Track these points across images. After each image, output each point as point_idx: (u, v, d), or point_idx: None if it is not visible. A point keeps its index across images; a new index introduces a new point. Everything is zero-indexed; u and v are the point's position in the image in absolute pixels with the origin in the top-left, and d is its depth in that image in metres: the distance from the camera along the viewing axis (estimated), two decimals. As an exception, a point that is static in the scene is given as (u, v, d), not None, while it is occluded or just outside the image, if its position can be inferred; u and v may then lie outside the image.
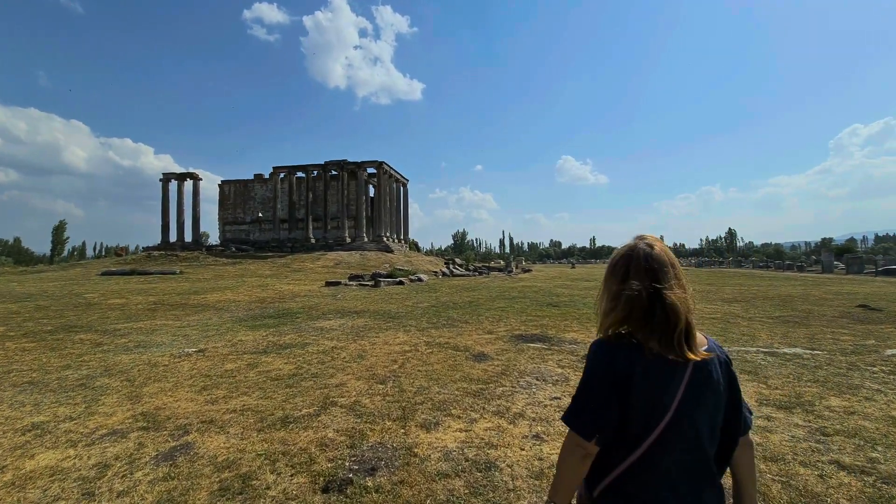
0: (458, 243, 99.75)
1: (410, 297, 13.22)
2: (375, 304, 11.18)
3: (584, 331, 6.91)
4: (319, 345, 6.02)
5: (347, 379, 4.17)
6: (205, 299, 12.48)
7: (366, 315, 9.25)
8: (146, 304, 11.47)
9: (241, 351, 5.71)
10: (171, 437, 2.87)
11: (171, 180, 41.50)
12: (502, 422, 2.99)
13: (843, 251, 34.34)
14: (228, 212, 45.52)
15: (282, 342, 6.32)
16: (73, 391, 4.14)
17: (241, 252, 35.40)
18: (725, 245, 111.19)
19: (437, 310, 10.12)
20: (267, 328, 7.75)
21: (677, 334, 0.94)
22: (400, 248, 37.25)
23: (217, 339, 6.71)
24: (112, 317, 9.33)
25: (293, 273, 24.76)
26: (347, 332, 7.16)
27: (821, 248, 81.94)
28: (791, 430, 2.92)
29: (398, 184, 43.45)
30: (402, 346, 5.86)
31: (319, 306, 10.93)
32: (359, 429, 2.86)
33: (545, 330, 7.08)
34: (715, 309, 9.91)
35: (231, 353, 5.54)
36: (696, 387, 0.95)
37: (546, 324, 7.75)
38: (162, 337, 6.98)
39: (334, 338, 6.59)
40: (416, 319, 8.52)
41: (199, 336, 7.00)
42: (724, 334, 6.54)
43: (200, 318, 9.27)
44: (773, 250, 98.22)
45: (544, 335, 6.55)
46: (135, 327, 7.94)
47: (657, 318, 0.95)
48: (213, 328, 7.81)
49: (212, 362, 5.06)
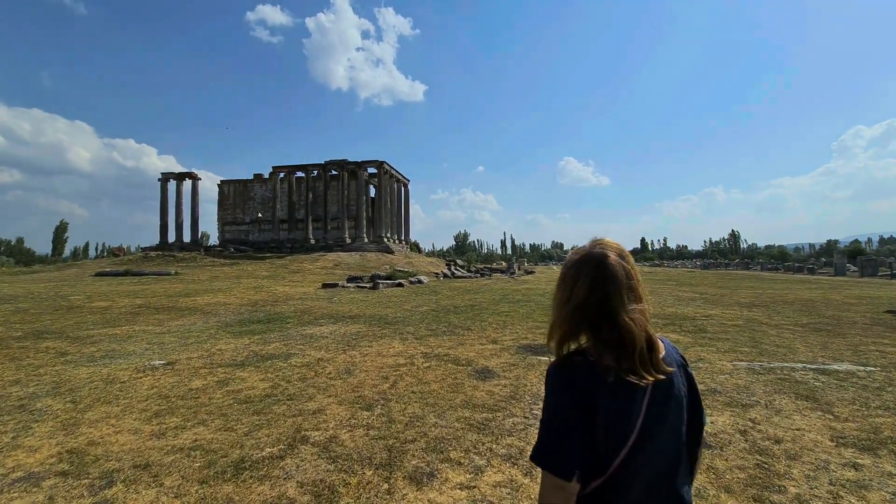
0: (460, 244, 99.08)
1: (409, 300, 12.58)
2: (372, 308, 10.55)
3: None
4: (305, 356, 5.38)
5: (328, 403, 3.52)
6: (194, 302, 11.88)
7: (360, 320, 8.62)
8: (131, 307, 10.87)
9: (216, 363, 5.08)
10: (90, 490, 2.24)
11: (170, 180, 41.03)
12: (516, 473, 2.33)
13: (855, 253, 33.49)
14: (228, 212, 45.01)
15: (264, 352, 5.69)
16: (9, 415, 3.51)
17: (239, 253, 34.85)
18: (729, 247, 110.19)
19: (437, 314, 9.48)
20: (252, 335, 7.12)
21: (637, 355, 0.85)
22: (401, 249, 36.63)
23: (195, 347, 6.09)
24: (89, 321, 8.72)
25: (291, 274, 24.17)
26: (338, 340, 6.52)
27: (827, 250, 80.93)
28: (888, 483, 2.26)
29: (399, 184, 42.85)
30: (396, 358, 5.21)
31: (312, 310, 10.31)
32: (329, 482, 2.22)
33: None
34: (735, 315, 9.23)
35: (204, 367, 4.91)
36: (659, 404, 0.88)
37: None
38: (135, 345, 6.36)
39: (323, 347, 5.95)
40: (413, 326, 7.88)
41: (177, 344, 6.38)
42: (756, 345, 5.86)
43: (184, 322, 8.66)
44: (777, 252, 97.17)
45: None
46: (109, 334, 7.33)
47: (611, 336, 0.86)
48: (194, 335, 7.20)
49: (178, 378, 4.42)
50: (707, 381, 4.14)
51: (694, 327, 7.42)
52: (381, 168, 37.10)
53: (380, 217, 37.44)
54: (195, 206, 41.56)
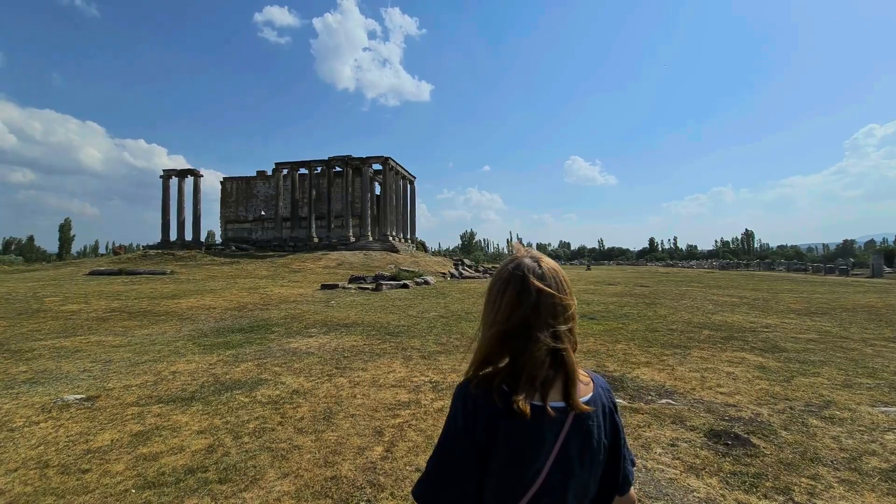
0: (466, 244, 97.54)
1: (415, 303, 11.28)
2: (373, 314, 9.27)
3: (656, 362, 4.88)
4: (277, 385, 4.10)
5: (280, 490, 2.22)
6: (177, 305, 10.69)
7: (357, 330, 7.33)
8: (104, 310, 9.71)
9: (157, 397, 3.81)
10: None
11: (172, 177, 40.18)
12: None
13: (891, 254, 31.55)
14: (231, 210, 44.10)
15: (228, 377, 4.42)
16: None
17: (240, 251, 33.85)
18: (742, 247, 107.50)
19: (448, 322, 8.17)
20: (225, 349, 5.88)
21: (566, 385, 0.76)
22: (406, 248, 35.37)
23: (144, 368, 4.85)
24: (45, 329, 7.55)
25: (291, 274, 23.03)
26: (326, 359, 5.24)
27: (843, 250, 78.20)
28: None
29: (405, 181, 41.57)
30: (397, 390, 3.91)
31: (305, 316, 9.05)
32: None
33: (601, 359, 5.07)
34: (800, 325, 7.79)
35: (137, 402, 3.66)
36: (572, 449, 0.75)
37: (596, 348, 5.73)
38: (76, 364, 5.14)
39: (304, 370, 4.67)
40: (420, 338, 6.58)
41: (125, 363, 5.14)
42: (872, 374, 4.44)
43: (153, 331, 7.44)
44: (793, 252, 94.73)
45: (605, 371, 4.55)
46: (56, 346, 6.13)
47: (528, 364, 0.75)
48: (155, 348, 5.97)
49: (88, 425, 3.16)
50: (862, 446, 2.77)
51: (763, 344, 6.02)
52: (386, 164, 35.85)
53: (385, 215, 36.19)
54: (197, 203, 40.67)
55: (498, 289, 0.79)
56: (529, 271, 0.78)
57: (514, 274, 0.78)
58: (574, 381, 0.77)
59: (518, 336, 0.76)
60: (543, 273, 0.78)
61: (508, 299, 0.77)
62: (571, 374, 0.76)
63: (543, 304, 0.76)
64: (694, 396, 3.55)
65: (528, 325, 0.75)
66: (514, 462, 0.73)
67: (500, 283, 0.79)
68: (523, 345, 0.76)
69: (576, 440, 0.76)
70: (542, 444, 0.74)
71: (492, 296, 0.80)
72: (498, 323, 0.77)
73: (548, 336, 0.74)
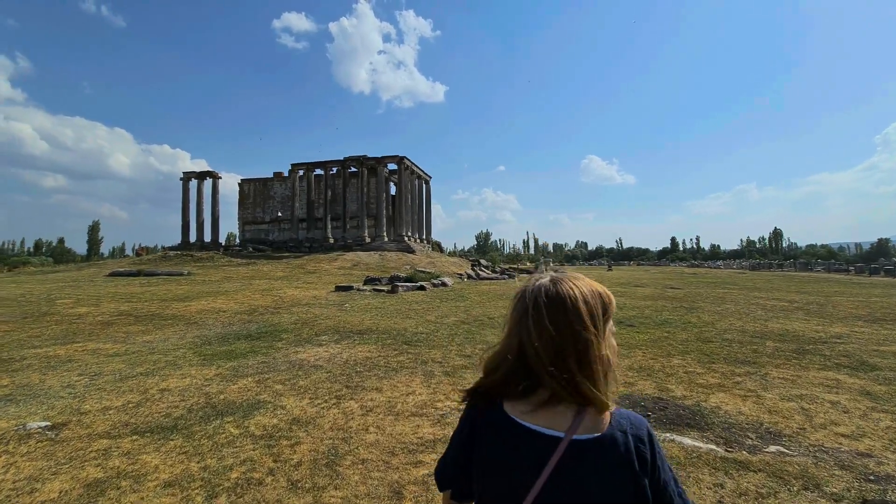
0: (482, 244, 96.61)
1: (433, 307, 10.59)
2: (388, 319, 8.62)
3: (731, 385, 4.04)
4: (276, 411, 3.46)
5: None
6: (187, 308, 10.28)
7: (372, 338, 6.68)
8: (111, 314, 9.35)
9: (133, 426, 3.22)
10: None
11: (192, 179, 40.66)
12: None
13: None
14: (248, 211, 44.43)
15: (223, 397, 3.81)
16: None
17: (257, 252, 33.88)
18: (770, 246, 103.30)
19: (470, 329, 7.44)
20: (227, 360, 5.31)
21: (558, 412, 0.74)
22: (422, 249, 34.79)
23: (132, 384, 4.29)
24: (46, 334, 7.16)
25: (306, 275, 22.69)
26: (335, 374, 4.59)
27: (879, 250, 73.86)
28: None
29: (420, 180, 41.03)
30: (418, 420, 3.21)
31: (317, 320, 8.47)
32: None
33: (660, 380, 4.25)
34: (876, 335, 6.75)
35: (108, 433, 3.06)
36: (568, 476, 0.70)
37: (648, 363, 4.90)
38: (62, 377, 4.64)
39: (309, 389, 4.02)
40: (441, 348, 5.88)
41: (115, 377, 4.61)
42: None
43: (155, 337, 6.96)
44: (825, 252, 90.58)
45: (671, 397, 3.74)
46: (48, 355, 5.67)
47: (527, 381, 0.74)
48: (152, 358, 5.45)
49: (41, 465, 2.57)
50: None
51: (848, 360, 5.09)
52: (402, 164, 35.36)
53: (400, 215, 35.70)
54: (215, 205, 41.03)
55: (513, 305, 0.80)
56: (540, 297, 0.75)
57: (524, 297, 0.78)
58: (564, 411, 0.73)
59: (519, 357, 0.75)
60: (555, 302, 0.74)
61: (514, 318, 0.78)
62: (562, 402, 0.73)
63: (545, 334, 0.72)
64: (809, 441, 2.73)
65: (525, 352, 0.74)
66: (493, 473, 0.74)
67: (514, 300, 0.80)
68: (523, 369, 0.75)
69: (573, 475, 0.70)
70: (531, 466, 0.71)
71: (514, 312, 0.79)
72: (505, 338, 0.79)
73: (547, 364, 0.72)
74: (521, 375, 0.74)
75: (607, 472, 0.70)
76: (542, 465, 0.70)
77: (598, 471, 0.70)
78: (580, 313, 0.71)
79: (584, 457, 0.70)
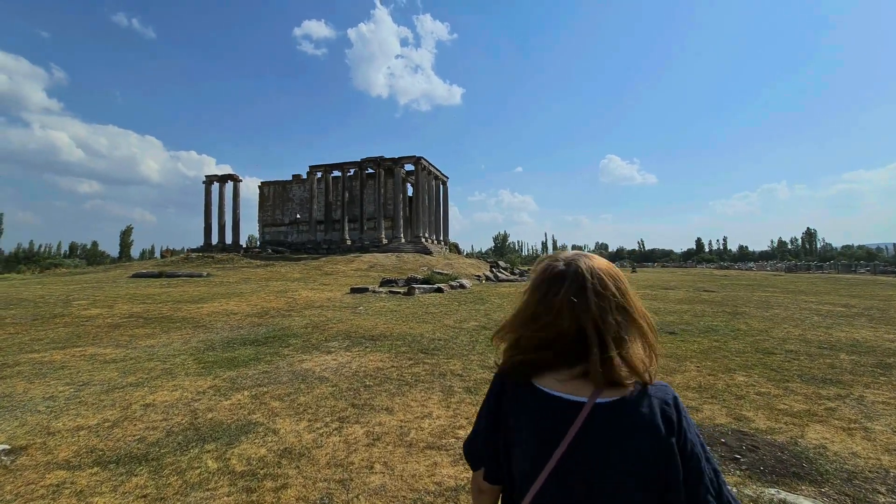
0: (499, 246, 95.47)
1: (451, 310, 9.97)
2: (404, 324, 8.05)
3: (823, 412, 3.28)
4: (266, 437, 2.91)
5: None
6: (199, 310, 9.99)
7: (385, 345, 6.12)
8: (122, 316, 9.13)
9: (99, 452, 2.73)
10: None
11: (213, 182, 41.39)
12: None
13: None
14: (268, 213, 44.94)
15: (209, 418, 3.30)
16: None
17: (276, 254, 34.07)
18: (804, 247, 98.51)
19: (491, 335, 6.79)
20: (226, 368, 4.84)
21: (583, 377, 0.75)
22: (439, 250, 34.27)
23: (117, 397, 3.85)
24: (49, 337, 6.90)
25: (323, 276, 22.46)
26: (342, 388, 4.03)
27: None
28: None
29: (437, 181, 40.56)
30: (436, 457, 2.60)
31: (328, 324, 7.98)
32: None
33: (728, 402, 3.51)
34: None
35: (67, 463, 2.58)
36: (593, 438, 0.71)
37: (707, 381, 4.15)
38: (48, 386, 4.25)
39: (309, 408, 3.47)
40: (461, 357, 5.26)
41: (106, 385, 4.19)
42: None
43: (159, 342, 6.60)
44: (863, 253, 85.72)
45: (752, 429, 3.01)
46: (46, 360, 5.33)
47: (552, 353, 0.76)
48: (149, 365, 5.03)
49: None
50: None
51: (954, 378, 4.20)
52: (419, 164, 34.97)
53: (417, 216, 35.29)
54: (236, 207, 41.61)
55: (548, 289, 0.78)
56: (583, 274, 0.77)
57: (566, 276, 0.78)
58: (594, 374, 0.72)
59: (578, 338, 0.74)
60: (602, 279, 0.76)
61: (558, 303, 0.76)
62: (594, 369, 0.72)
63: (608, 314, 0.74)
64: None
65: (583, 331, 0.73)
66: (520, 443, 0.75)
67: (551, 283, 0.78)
68: (579, 347, 0.74)
69: (598, 438, 0.71)
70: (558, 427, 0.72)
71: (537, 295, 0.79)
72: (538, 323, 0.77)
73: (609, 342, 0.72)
74: (572, 355, 0.74)
75: (633, 433, 0.71)
76: (566, 429, 0.71)
77: (623, 432, 0.71)
78: (624, 288, 0.76)
79: (609, 419, 0.71)
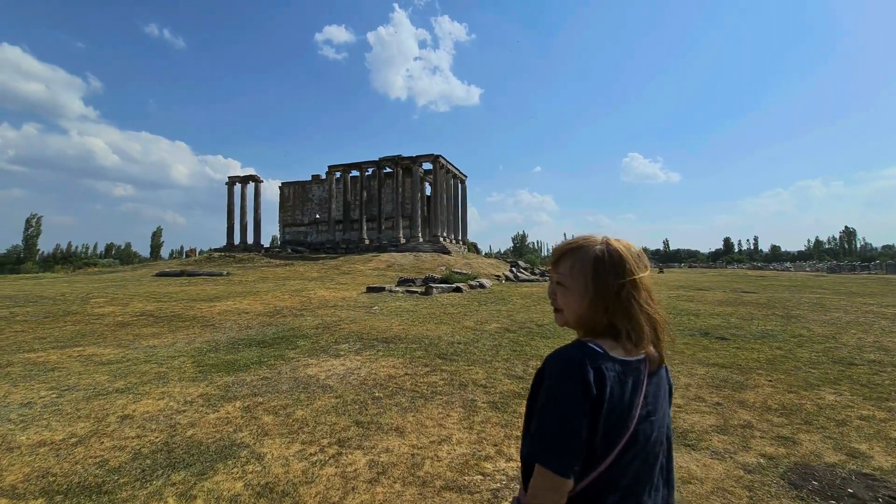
0: (518, 246, 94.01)
1: (471, 311, 9.34)
2: (420, 325, 7.48)
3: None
4: (246, 466, 2.38)
5: None
6: (210, 309, 9.71)
7: (399, 348, 5.56)
8: (133, 314, 8.92)
9: (51, 479, 2.26)
10: None
11: (236, 184, 42.06)
12: None
13: None
14: (288, 213, 45.37)
15: (188, 436, 2.80)
16: None
17: (295, 253, 34.22)
18: (843, 247, 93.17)
19: (516, 339, 6.15)
20: (225, 373, 4.37)
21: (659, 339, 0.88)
22: (457, 250, 33.65)
23: (97, 405, 3.41)
24: (53, 336, 6.66)
25: (340, 276, 22.20)
26: (347, 400, 3.48)
27: None
28: None
29: (456, 179, 39.97)
30: (454, 499, 1.99)
31: (340, 325, 7.50)
32: None
33: (831, 433, 2.77)
34: None
35: (12, 490, 2.11)
36: (654, 395, 0.87)
37: (788, 400, 3.40)
38: (32, 390, 3.87)
39: (305, 426, 2.92)
40: (484, 364, 4.64)
41: (91, 391, 3.78)
42: None
43: (162, 342, 6.25)
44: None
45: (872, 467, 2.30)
46: (41, 360, 5.01)
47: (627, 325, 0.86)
48: (144, 368, 4.63)
49: None
50: None
51: None
52: (437, 163, 34.47)
53: (435, 216, 34.79)
54: (257, 208, 42.16)
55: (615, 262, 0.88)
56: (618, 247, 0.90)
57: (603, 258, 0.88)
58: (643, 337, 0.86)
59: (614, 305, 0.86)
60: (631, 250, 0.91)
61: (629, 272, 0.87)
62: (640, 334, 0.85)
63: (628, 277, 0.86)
64: None
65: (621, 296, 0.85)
66: (619, 409, 0.81)
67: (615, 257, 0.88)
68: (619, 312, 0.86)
69: (655, 381, 0.88)
70: (636, 390, 0.83)
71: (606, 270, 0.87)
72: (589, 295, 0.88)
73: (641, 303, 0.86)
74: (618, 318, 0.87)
75: (664, 386, 0.91)
76: (639, 388, 0.84)
77: (662, 385, 0.90)
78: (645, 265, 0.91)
79: (654, 373, 0.88)
